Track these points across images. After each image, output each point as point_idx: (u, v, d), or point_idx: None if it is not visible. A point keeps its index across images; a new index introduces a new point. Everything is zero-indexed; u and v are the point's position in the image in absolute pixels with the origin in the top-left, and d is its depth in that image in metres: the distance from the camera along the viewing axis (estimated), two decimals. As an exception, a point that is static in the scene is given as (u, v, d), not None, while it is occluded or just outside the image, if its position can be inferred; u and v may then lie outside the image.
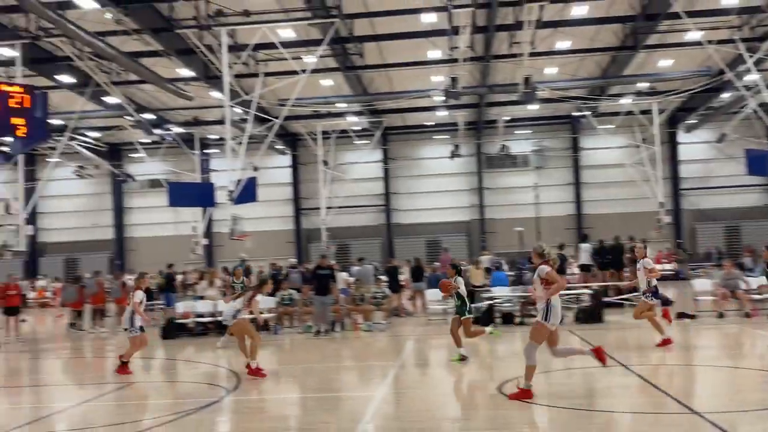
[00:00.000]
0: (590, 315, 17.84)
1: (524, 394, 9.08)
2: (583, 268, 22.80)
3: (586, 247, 22.95)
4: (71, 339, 20.94)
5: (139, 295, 12.97)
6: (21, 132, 13.49)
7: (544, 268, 9.21)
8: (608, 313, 18.30)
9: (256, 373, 11.88)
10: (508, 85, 29.09)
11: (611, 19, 25.85)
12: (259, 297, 12.73)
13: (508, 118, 39.70)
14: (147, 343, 13.57)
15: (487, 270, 22.15)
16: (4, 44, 23.31)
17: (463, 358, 12.58)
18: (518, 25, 23.49)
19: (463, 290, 12.68)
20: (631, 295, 18.70)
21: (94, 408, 10.51)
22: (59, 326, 24.86)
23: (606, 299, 19.13)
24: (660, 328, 13.38)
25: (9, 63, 24.47)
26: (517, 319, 18.32)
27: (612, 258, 21.88)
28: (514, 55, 25.90)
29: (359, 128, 40.70)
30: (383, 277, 22.79)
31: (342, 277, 22.11)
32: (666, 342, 13.20)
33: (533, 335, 9.24)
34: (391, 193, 45.14)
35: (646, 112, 34.01)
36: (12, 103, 13.51)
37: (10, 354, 17.70)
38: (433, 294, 19.47)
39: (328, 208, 39.05)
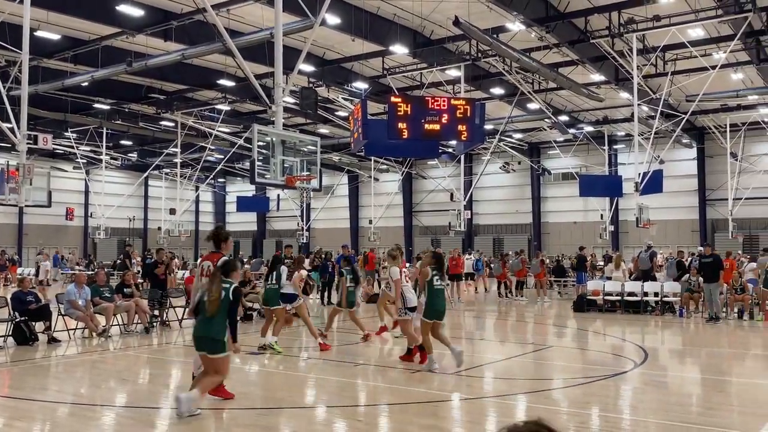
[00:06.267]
0: None
1: None
2: None
3: None
4: (498, 304, 22.36)
5: None
6: (464, 136, 14.50)
7: None
8: None
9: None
10: None
11: None
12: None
13: None
14: None
15: None
16: (452, 66, 25.72)
17: None
18: None
19: None
20: None
21: (517, 363, 11.10)
22: (490, 293, 26.70)
23: None
24: None
25: (455, 81, 26.97)
26: None
27: None
28: None
29: (772, 119, 35.46)
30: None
31: (751, 267, 19.66)
32: None
33: None
34: (809, 184, 38.42)
35: None
36: (458, 113, 14.63)
37: (455, 312, 19.58)
38: None
39: (736, 199, 34.98)
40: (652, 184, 21.44)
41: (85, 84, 26.80)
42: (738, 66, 25.96)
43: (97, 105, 31.93)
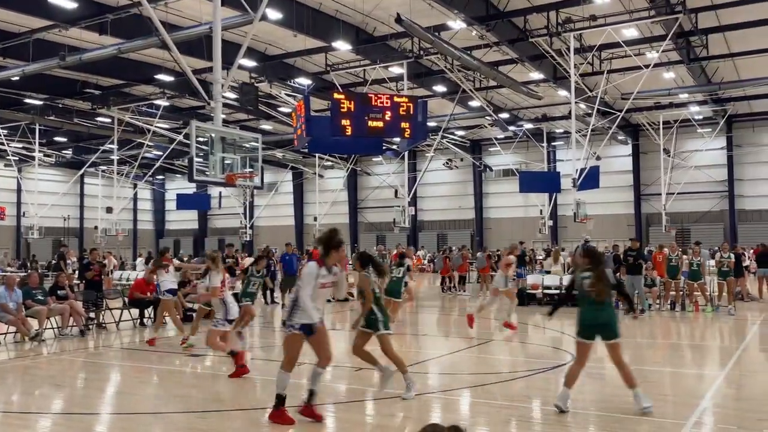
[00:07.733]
0: None
1: None
2: None
3: None
4: (442, 299, 22.54)
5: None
6: (407, 134, 14.43)
7: None
8: None
9: None
10: None
11: None
12: None
13: None
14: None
15: None
16: (394, 64, 25.78)
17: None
18: None
19: None
20: None
21: (462, 357, 11.20)
22: (434, 288, 26.90)
23: None
24: None
25: (398, 79, 27.06)
26: None
27: None
28: None
29: (701, 117, 36.92)
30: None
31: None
32: None
33: None
34: (736, 179, 40.19)
35: None
36: (401, 111, 14.55)
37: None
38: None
39: (669, 193, 36.32)
40: (589, 180, 21.99)
41: (16, 78, 25.70)
42: (670, 65, 26.91)
43: (28, 100, 30.68)
